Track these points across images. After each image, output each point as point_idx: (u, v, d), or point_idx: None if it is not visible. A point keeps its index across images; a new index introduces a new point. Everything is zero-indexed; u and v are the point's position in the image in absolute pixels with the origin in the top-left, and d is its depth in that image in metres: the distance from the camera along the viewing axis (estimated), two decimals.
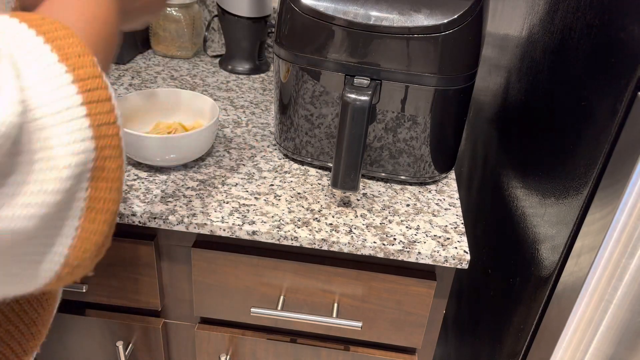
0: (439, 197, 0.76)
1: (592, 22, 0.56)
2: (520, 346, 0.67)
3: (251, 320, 0.75)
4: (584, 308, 0.57)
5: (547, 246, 0.62)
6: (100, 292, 0.76)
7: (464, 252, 0.65)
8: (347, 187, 0.67)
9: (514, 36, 0.81)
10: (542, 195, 0.65)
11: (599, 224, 0.53)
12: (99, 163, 0.30)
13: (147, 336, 0.79)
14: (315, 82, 0.71)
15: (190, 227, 0.66)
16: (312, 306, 0.73)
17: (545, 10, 0.69)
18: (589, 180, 0.53)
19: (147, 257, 0.72)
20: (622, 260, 0.53)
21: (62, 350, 0.83)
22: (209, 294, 0.73)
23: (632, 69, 0.47)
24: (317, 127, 0.75)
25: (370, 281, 0.69)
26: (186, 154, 0.73)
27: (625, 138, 0.49)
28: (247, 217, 0.67)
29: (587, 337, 0.58)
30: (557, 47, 0.65)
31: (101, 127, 0.30)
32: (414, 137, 0.73)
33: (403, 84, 0.68)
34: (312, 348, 0.76)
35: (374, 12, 0.66)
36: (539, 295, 0.62)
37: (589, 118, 0.55)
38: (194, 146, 0.72)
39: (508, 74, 0.83)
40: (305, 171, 0.78)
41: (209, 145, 0.75)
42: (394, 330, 0.73)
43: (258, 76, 1.08)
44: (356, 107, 0.63)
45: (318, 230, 0.66)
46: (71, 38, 0.30)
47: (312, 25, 0.67)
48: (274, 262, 0.69)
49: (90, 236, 0.31)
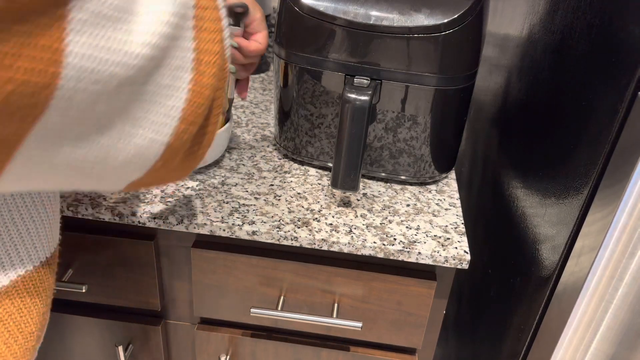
0: (439, 197, 0.75)
1: (593, 21, 0.56)
2: (520, 346, 0.67)
3: (251, 320, 0.75)
4: (585, 308, 0.57)
5: (548, 246, 0.62)
6: (99, 293, 0.76)
7: (464, 252, 0.65)
8: (347, 187, 0.67)
9: (515, 36, 0.81)
10: (543, 195, 0.65)
11: (599, 224, 0.53)
12: (199, 12, 0.30)
13: (146, 337, 0.79)
14: (315, 81, 0.71)
15: (190, 227, 0.66)
16: (312, 306, 0.72)
17: (546, 9, 0.69)
18: (589, 180, 0.53)
19: (147, 258, 0.72)
20: (623, 260, 0.53)
21: (62, 350, 0.83)
22: (209, 294, 0.73)
23: (633, 69, 0.47)
24: (317, 127, 0.75)
25: (370, 281, 0.69)
26: None
27: (626, 138, 0.49)
28: (246, 217, 0.67)
29: (587, 337, 0.58)
30: (557, 47, 0.65)
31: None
32: (414, 137, 0.73)
33: (403, 84, 0.68)
34: (312, 348, 0.76)
35: (374, 12, 0.65)
36: (540, 296, 0.62)
37: (589, 118, 0.55)
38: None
39: (508, 74, 0.83)
40: (305, 171, 0.78)
41: (221, 151, 0.75)
42: (394, 331, 0.73)
43: (258, 76, 1.08)
44: (356, 107, 0.63)
45: (318, 231, 0.66)
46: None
47: (312, 25, 0.67)
48: (274, 263, 0.69)
49: (202, 90, 0.31)
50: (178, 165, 0.35)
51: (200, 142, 0.35)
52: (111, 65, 0.26)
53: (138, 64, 0.27)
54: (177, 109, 0.31)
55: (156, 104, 0.30)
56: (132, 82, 0.27)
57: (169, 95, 0.30)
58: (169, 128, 0.31)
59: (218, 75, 0.33)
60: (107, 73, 0.26)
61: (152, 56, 0.27)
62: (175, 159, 0.34)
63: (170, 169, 0.34)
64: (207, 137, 0.35)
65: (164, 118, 0.30)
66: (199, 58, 0.31)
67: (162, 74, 0.29)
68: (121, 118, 0.29)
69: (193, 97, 0.31)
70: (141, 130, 0.30)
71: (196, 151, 0.35)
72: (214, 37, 0.32)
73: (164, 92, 0.30)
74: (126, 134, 0.30)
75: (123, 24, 0.26)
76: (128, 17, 0.26)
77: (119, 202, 0.68)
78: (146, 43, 0.27)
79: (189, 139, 0.33)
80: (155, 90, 0.29)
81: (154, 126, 0.30)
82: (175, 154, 0.33)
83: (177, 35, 0.29)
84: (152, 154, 0.31)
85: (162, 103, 0.30)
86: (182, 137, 0.32)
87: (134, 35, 0.26)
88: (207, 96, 0.32)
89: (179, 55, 0.29)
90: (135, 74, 0.27)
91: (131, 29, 0.26)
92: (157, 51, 0.28)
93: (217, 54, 0.32)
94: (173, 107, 0.30)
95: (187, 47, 0.30)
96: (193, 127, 0.32)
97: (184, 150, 0.33)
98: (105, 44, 0.25)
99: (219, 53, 0.32)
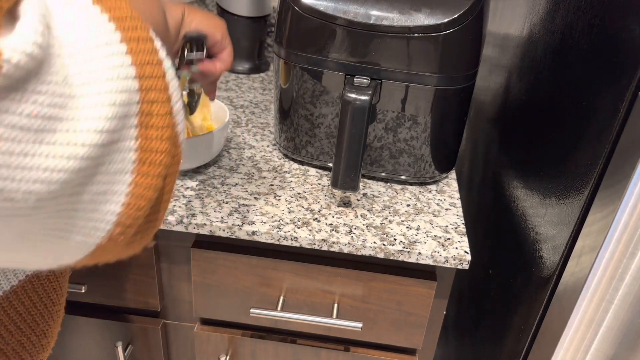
0: (440, 197, 0.75)
1: (593, 21, 0.56)
2: (520, 346, 0.66)
3: (251, 320, 0.75)
4: (585, 308, 0.57)
5: (548, 246, 0.62)
6: (99, 293, 0.76)
7: (465, 252, 0.65)
8: (347, 187, 0.67)
9: (515, 36, 0.81)
10: (543, 195, 0.65)
11: (600, 224, 0.52)
12: (145, 107, 0.27)
13: (146, 337, 0.79)
14: (315, 81, 0.71)
15: (189, 227, 0.66)
16: (311, 307, 0.72)
17: (546, 9, 0.69)
18: (590, 180, 0.53)
19: (147, 258, 0.72)
20: (623, 260, 0.53)
21: (62, 351, 0.83)
22: (209, 295, 0.73)
23: (633, 69, 0.47)
24: (317, 127, 0.75)
25: (370, 281, 0.69)
26: (195, 158, 0.72)
27: (627, 138, 0.49)
28: (246, 217, 0.67)
29: (587, 338, 0.58)
30: (558, 47, 0.65)
31: (144, 66, 0.27)
32: (414, 137, 0.73)
33: (403, 84, 0.68)
34: (312, 349, 0.75)
35: (374, 12, 0.65)
36: (540, 296, 0.62)
37: (590, 118, 0.55)
38: (203, 150, 0.72)
39: (509, 74, 0.83)
40: (305, 171, 0.78)
41: (218, 150, 0.75)
42: (394, 331, 0.73)
43: (258, 76, 1.08)
44: (356, 106, 0.63)
45: (318, 231, 0.66)
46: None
47: (312, 24, 0.67)
48: (274, 263, 0.69)
49: (144, 192, 0.29)
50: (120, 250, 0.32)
51: (147, 229, 0.32)
52: (27, 182, 0.23)
53: (62, 178, 0.24)
54: (113, 214, 0.28)
55: (87, 211, 0.27)
56: (56, 196, 0.24)
57: (105, 200, 0.27)
58: (102, 232, 0.28)
59: (167, 166, 0.30)
60: (22, 191, 0.23)
61: (81, 167, 0.24)
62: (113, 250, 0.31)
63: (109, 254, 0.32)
64: (155, 224, 0.33)
65: (97, 223, 0.28)
66: (141, 158, 0.28)
67: (97, 182, 0.26)
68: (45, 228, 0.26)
69: (132, 201, 0.28)
70: (69, 234, 0.27)
71: (140, 239, 0.32)
72: (161, 133, 0.29)
73: (99, 199, 0.27)
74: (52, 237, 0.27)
75: (47, 134, 0.23)
76: (54, 126, 0.23)
77: None
78: (72, 155, 0.24)
79: (125, 239, 0.30)
80: (89, 198, 0.26)
81: (84, 230, 0.28)
82: (110, 249, 0.31)
83: (115, 139, 0.26)
84: (81, 252, 0.29)
85: (95, 209, 0.27)
86: (116, 239, 0.30)
87: (58, 148, 0.23)
88: (149, 198, 0.29)
89: (117, 159, 0.27)
90: (59, 189, 0.24)
91: (55, 140, 0.23)
92: (88, 162, 0.25)
93: (164, 152, 0.29)
94: (108, 212, 0.28)
95: (128, 147, 0.27)
96: (130, 229, 0.30)
97: (122, 244, 0.31)
98: (20, 161, 0.22)
99: (166, 151, 0.29)
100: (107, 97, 0.25)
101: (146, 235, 0.33)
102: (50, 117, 0.23)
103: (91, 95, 0.24)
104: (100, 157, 0.25)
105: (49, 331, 0.44)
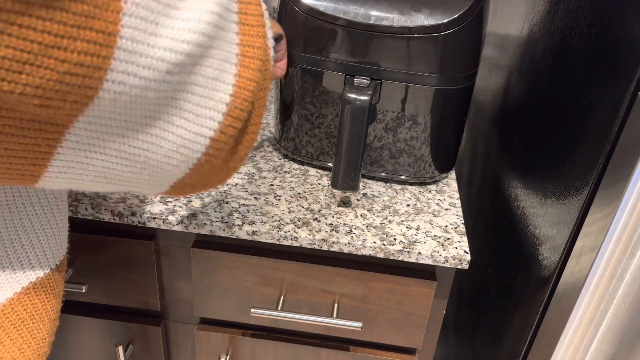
0: (439, 197, 0.75)
1: (593, 21, 0.56)
2: (520, 346, 0.67)
3: (251, 320, 0.75)
4: (585, 308, 0.57)
5: (548, 246, 0.62)
6: (99, 293, 0.76)
7: (464, 252, 0.65)
8: (347, 187, 0.67)
9: (515, 36, 0.81)
10: (543, 195, 0.65)
11: (599, 224, 0.53)
12: (242, 6, 0.31)
13: (146, 337, 0.79)
14: (315, 81, 0.71)
15: (189, 227, 0.66)
16: (312, 306, 0.72)
17: (546, 9, 0.69)
18: (589, 180, 0.53)
19: (147, 258, 0.72)
20: (623, 260, 0.53)
21: (62, 350, 0.83)
22: (209, 294, 0.73)
23: (633, 69, 0.47)
24: (317, 127, 0.75)
25: (370, 281, 0.69)
26: None
27: (626, 138, 0.49)
28: (246, 217, 0.67)
29: (587, 338, 0.58)
30: (557, 47, 0.65)
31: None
32: (414, 137, 0.73)
33: (403, 84, 0.68)
34: (312, 348, 0.75)
35: (374, 12, 0.65)
36: (540, 296, 0.62)
37: (589, 118, 0.55)
38: None
39: (508, 74, 0.83)
40: (305, 171, 0.78)
41: None
42: (394, 331, 0.73)
43: None
44: (356, 106, 0.63)
45: (318, 231, 0.66)
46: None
47: (312, 25, 0.67)
48: (274, 262, 0.69)
49: (247, 84, 0.31)
50: (221, 166, 0.35)
51: (243, 141, 0.35)
52: (160, 49, 0.26)
53: (186, 50, 0.27)
54: (223, 103, 0.31)
55: (203, 97, 0.30)
56: (180, 70, 0.27)
57: (216, 88, 0.30)
58: (215, 122, 0.31)
59: (262, 69, 0.33)
60: (157, 57, 0.26)
61: (200, 43, 0.28)
62: (218, 157, 0.33)
63: (213, 169, 0.34)
64: (249, 137, 0.35)
65: (210, 112, 0.30)
66: (243, 52, 0.31)
67: (209, 65, 0.29)
68: (168, 108, 0.29)
69: (238, 92, 0.31)
70: (187, 122, 0.30)
71: (239, 151, 0.35)
72: (257, 31, 0.32)
73: (211, 85, 0.30)
74: (172, 125, 0.29)
75: (171, 9, 0.26)
76: (176, 4, 0.26)
77: (119, 202, 0.68)
78: (193, 29, 0.27)
79: (233, 135, 0.33)
80: (202, 82, 0.29)
81: (199, 119, 0.30)
82: (219, 151, 0.33)
83: (222, 25, 0.29)
84: (197, 148, 0.31)
85: (208, 96, 0.30)
86: (226, 132, 0.32)
87: (181, 22, 0.27)
88: (251, 91, 0.32)
89: (224, 48, 0.30)
90: (183, 61, 0.27)
91: (179, 16, 0.26)
92: (204, 39, 0.28)
93: (261, 48, 0.32)
94: (219, 101, 0.30)
95: (232, 39, 0.30)
96: (237, 123, 0.32)
97: (227, 148, 0.33)
98: (155, 29, 0.25)
99: (262, 47, 0.32)
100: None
101: (243, 150, 0.35)
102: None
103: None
104: (212, 38, 0.28)
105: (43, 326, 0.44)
